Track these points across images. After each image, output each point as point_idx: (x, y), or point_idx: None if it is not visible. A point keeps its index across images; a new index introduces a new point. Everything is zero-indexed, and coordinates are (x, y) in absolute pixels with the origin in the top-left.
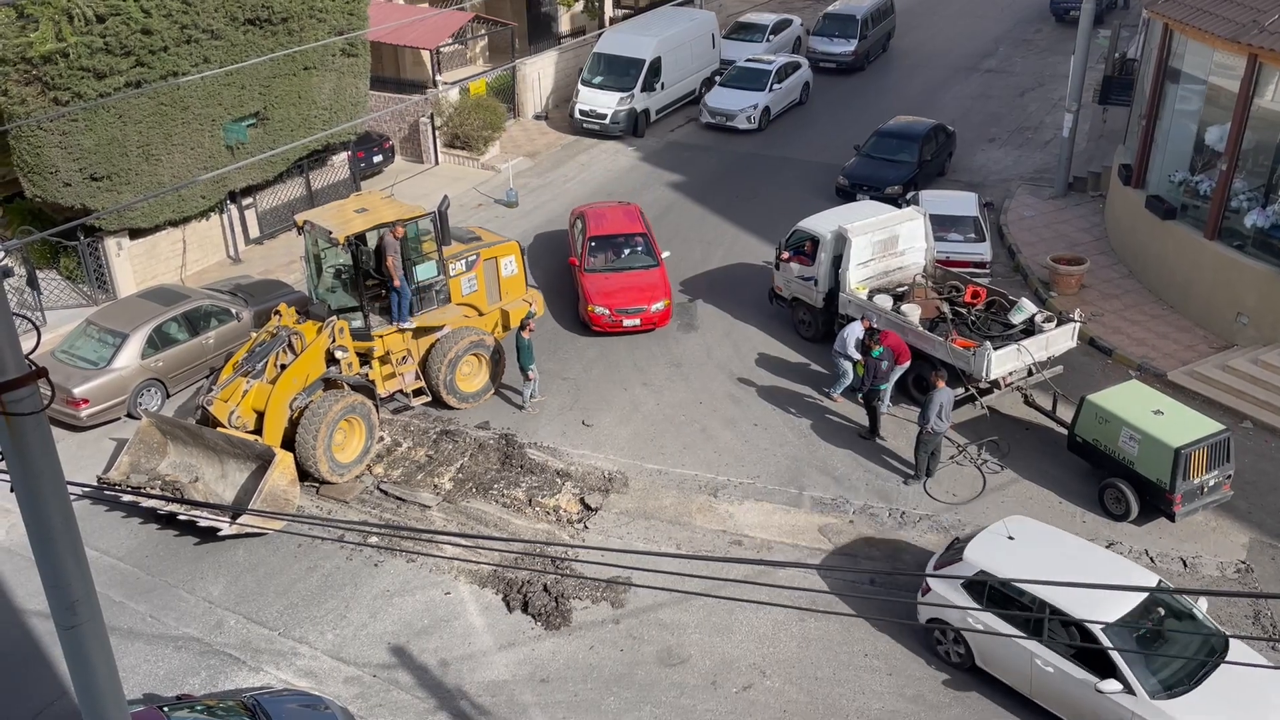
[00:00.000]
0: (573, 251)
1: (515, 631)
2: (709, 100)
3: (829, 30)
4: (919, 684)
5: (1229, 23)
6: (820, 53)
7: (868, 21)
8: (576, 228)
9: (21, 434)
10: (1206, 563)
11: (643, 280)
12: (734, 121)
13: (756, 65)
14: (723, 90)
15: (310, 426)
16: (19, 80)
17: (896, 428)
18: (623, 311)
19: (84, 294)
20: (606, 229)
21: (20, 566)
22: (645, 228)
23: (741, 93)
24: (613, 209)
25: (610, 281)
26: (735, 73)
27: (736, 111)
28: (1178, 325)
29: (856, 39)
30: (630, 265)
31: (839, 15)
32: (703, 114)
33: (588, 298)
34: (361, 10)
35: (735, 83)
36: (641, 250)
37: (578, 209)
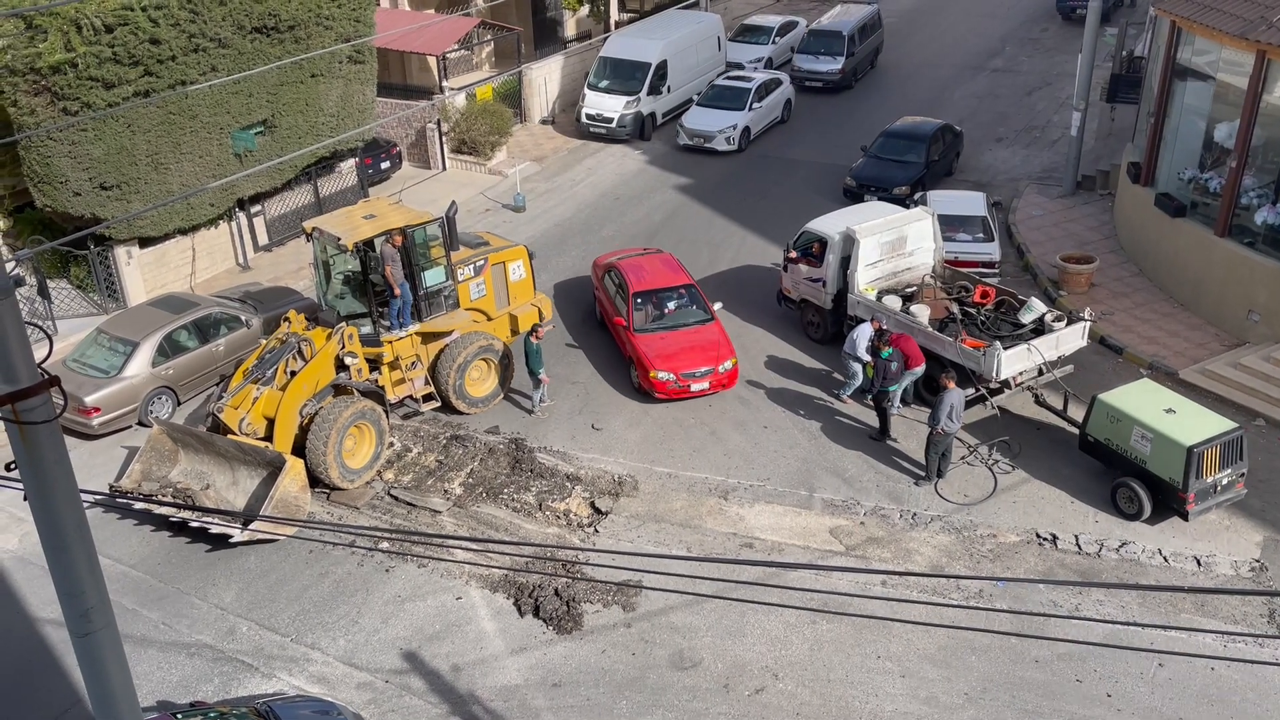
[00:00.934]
0: (609, 309)
1: (527, 636)
2: (686, 121)
3: (814, 48)
4: (932, 686)
5: (1237, 19)
6: (806, 71)
7: (854, 38)
8: (609, 281)
9: (35, 442)
10: (1220, 561)
11: (702, 338)
12: (712, 143)
13: (736, 83)
14: (700, 110)
15: (321, 433)
16: (28, 91)
17: (907, 429)
18: (690, 375)
19: (94, 303)
20: (650, 282)
21: (34, 575)
22: (689, 276)
23: (720, 112)
24: (649, 259)
25: (667, 343)
26: (713, 91)
27: (715, 132)
28: (1189, 323)
29: (843, 56)
30: (683, 322)
31: (825, 31)
32: (679, 135)
33: (646, 363)
34: (368, 17)
35: (714, 102)
36: (693, 304)
37: (604, 260)
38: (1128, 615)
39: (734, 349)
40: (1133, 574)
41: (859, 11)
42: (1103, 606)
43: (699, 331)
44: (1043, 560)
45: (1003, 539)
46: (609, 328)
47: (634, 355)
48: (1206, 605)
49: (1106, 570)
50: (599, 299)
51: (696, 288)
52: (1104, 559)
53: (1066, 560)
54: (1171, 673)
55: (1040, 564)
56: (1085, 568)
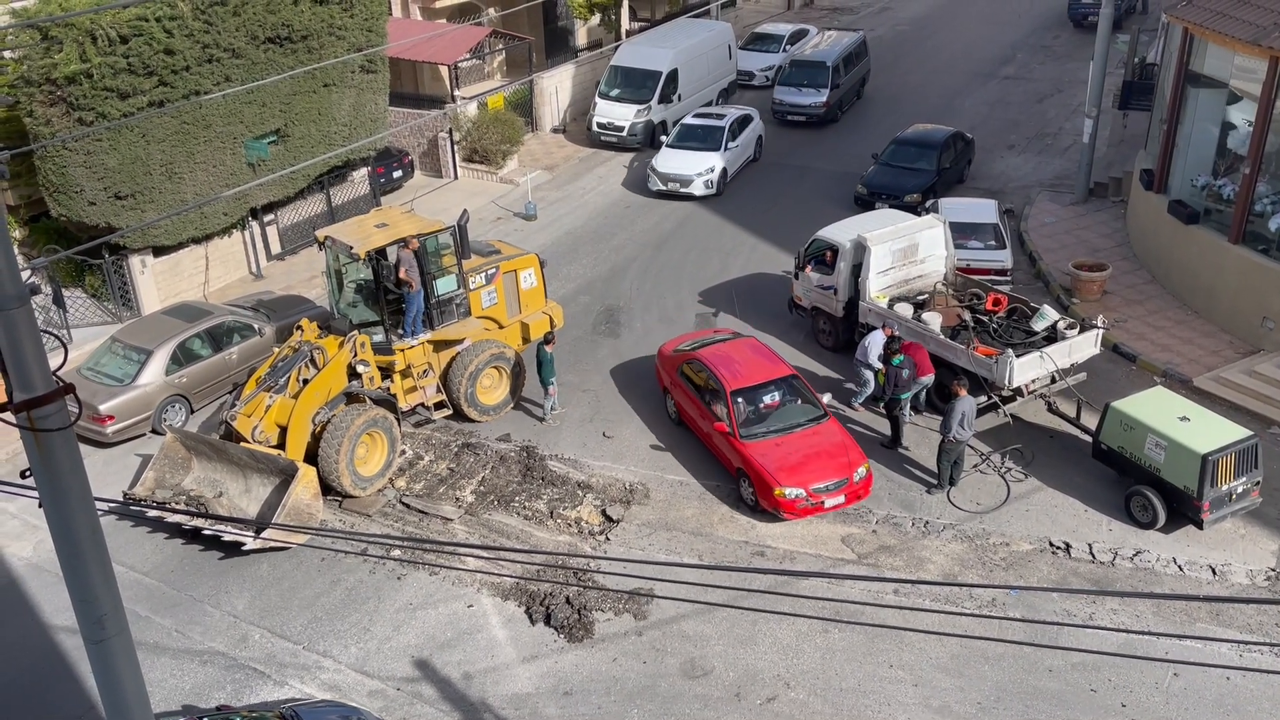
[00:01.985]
0: (696, 410)
1: (538, 644)
2: (658, 165)
3: (796, 79)
4: (945, 695)
5: (1250, 26)
6: (788, 104)
7: (839, 68)
8: (688, 375)
9: (50, 450)
10: (1236, 570)
11: (824, 441)
12: (690, 188)
13: (707, 121)
14: (672, 152)
15: (333, 441)
16: (44, 101)
17: (919, 437)
18: (823, 490)
19: (109, 311)
20: (747, 376)
21: (48, 582)
22: (787, 364)
23: (694, 154)
24: (734, 347)
25: (785, 450)
26: (683, 131)
27: (693, 176)
28: (1202, 330)
29: (828, 88)
30: (796, 422)
31: (807, 62)
32: (650, 180)
33: (768, 478)
34: (380, 27)
35: (686, 142)
36: (799, 398)
37: (675, 348)
38: (1142, 624)
39: (862, 450)
40: (1147, 583)
41: (844, 39)
42: (1117, 615)
43: (817, 433)
44: (1056, 569)
45: (1016, 547)
46: (695, 430)
47: (747, 469)
48: (1222, 614)
49: (1120, 579)
50: (675, 396)
51: (800, 378)
52: (1118, 568)
53: (1080, 569)
54: (1186, 683)
55: (1054, 573)
56: (1099, 576)
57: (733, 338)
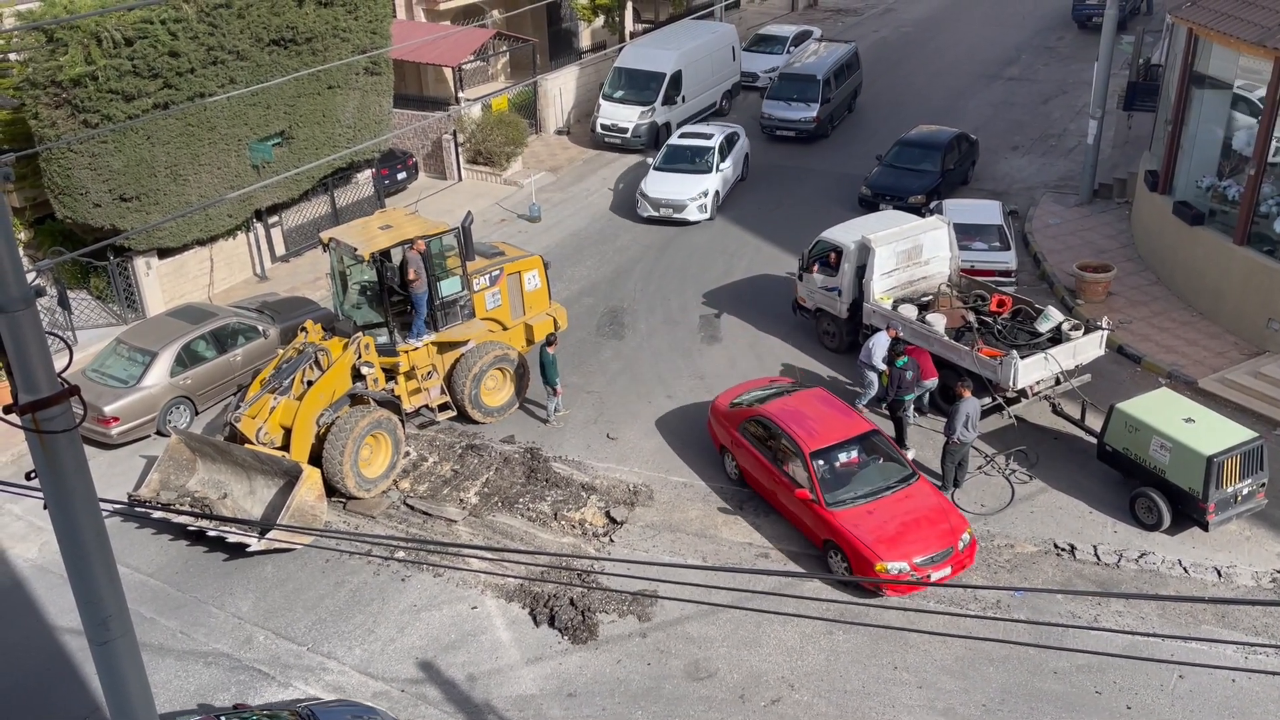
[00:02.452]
0: (769, 475)
1: (542, 645)
2: (648, 189)
3: (785, 93)
4: (949, 697)
5: (1255, 26)
6: (777, 119)
7: (830, 81)
8: (753, 434)
9: (55, 451)
10: (1241, 572)
11: (920, 505)
12: (684, 213)
13: (695, 141)
14: (662, 176)
15: (337, 442)
16: (49, 103)
17: (923, 438)
18: (929, 562)
19: (114, 313)
20: (825, 434)
21: (53, 584)
22: (865, 418)
23: (685, 177)
24: (801, 400)
25: (879, 518)
26: (670, 152)
27: (686, 201)
28: (1208, 332)
29: (818, 102)
30: (885, 484)
31: (797, 75)
32: (640, 205)
33: (865, 552)
34: (384, 29)
35: (674, 164)
36: (882, 455)
37: (732, 403)
38: (1147, 626)
39: (961, 513)
40: (1152, 585)
41: (835, 51)
42: (1122, 618)
43: (910, 495)
44: (1061, 570)
45: (1020, 549)
46: (764, 494)
47: (839, 541)
48: (1227, 616)
49: (1125, 581)
50: (738, 457)
51: (880, 432)
52: (1123, 569)
53: (1085, 571)
54: (1192, 685)
55: (1058, 574)
56: (1104, 578)
57: (795, 388)
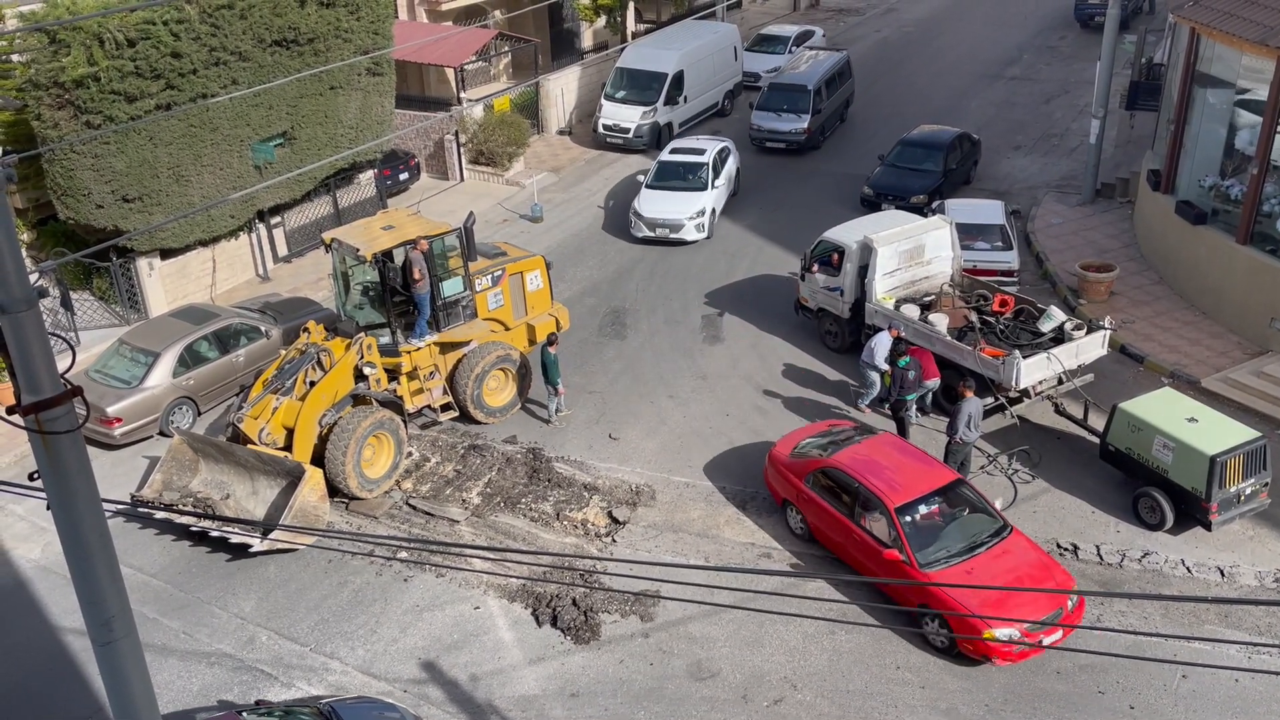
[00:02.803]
0: (847, 534)
1: (545, 646)
2: (642, 209)
3: (775, 104)
4: (952, 697)
5: (1257, 26)
6: (766, 130)
7: (821, 91)
8: (822, 486)
9: (58, 452)
10: (1244, 572)
11: (1020, 561)
12: (681, 233)
13: (688, 157)
14: (655, 194)
15: (339, 443)
16: (52, 104)
17: (926, 438)
18: (1039, 626)
19: (116, 314)
20: (909, 487)
21: (56, 584)
22: (944, 464)
23: (680, 195)
24: (874, 447)
25: (979, 579)
26: (662, 169)
27: (684, 220)
28: (1210, 331)
29: (809, 113)
30: (978, 539)
31: (786, 86)
32: (635, 225)
33: (969, 620)
34: (386, 30)
35: (667, 181)
36: (970, 506)
37: (792, 452)
38: (1150, 626)
39: (1063, 567)
40: (1155, 585)
41: (826, 60)
42: (1125, 617)
43: (1008, 551)
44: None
45: None
46: (841, 554)
47: (938, 606)
48: (1230, 616)
49: (1128, 581)
50: (807, 513)
51: (965, 480)
52: (1126, 569)
53: (1088, 570)
54: (1195, 685)
55: None
56: (1107, 578)
57: (859, 433)
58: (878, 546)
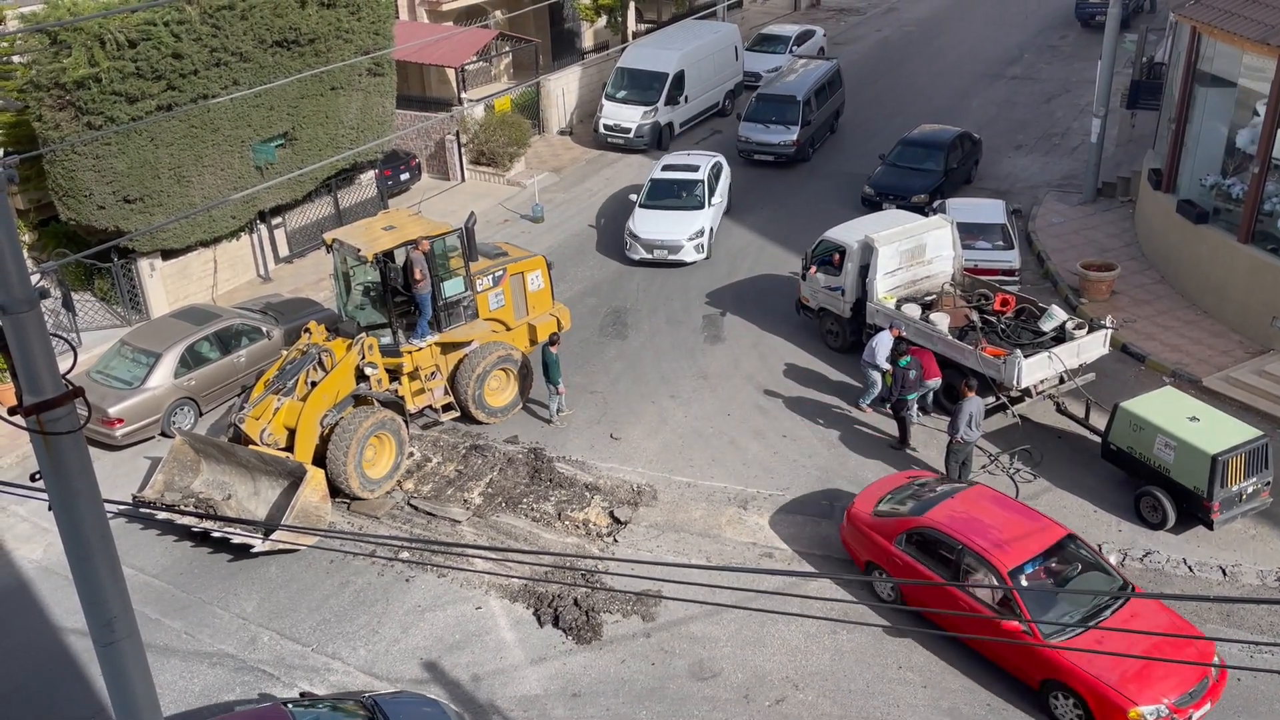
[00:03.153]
0: (957, 605)
1: (546, 646)
2: (638, 229)
3: (763, 114)
4: (954, 696)
5: (1258, 24)
6: (754, 143)
7: (810, 102)
8: (915, 547)
9: (60, 453)
10: (1246, 571)
11: (1151, 624)
12: (680, 254)
13: (683, 175)
14: (650, 214)
15: (341, 443)
16: (53, 105)
17: (927, 438)
18: (1187, 699)
19: (118, 315)
20: (1020, 547)
21: (58, 585)
22: (1047, 516)
23: (677, 215)
24: (968, 501)
25: (1112, 648)
26: (656, 187)
27: (683, 241)
28: (1212, 330)
29: (798, 125)
30: (1103, 601)
31: (774, 97)
32: (630, 246)
33: (1114, 697)
34: (387, 30)
35: (662, 200)
36: (1085, 563)
37: (876, 510)
38: None
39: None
40: (1157, 584)
41: (815, 70)
42: None
43: (1136, 614)
44: None
45: None
46: (946, 625)
47: (1071, 682)
48: (1232, 615)
49: (1130, 580)
50: (897, 577)
51: (1078, 537)
52: (1128, 569)
53: None
54: None
55: None
56: None
57: (949, 486)
58: (991, 615)
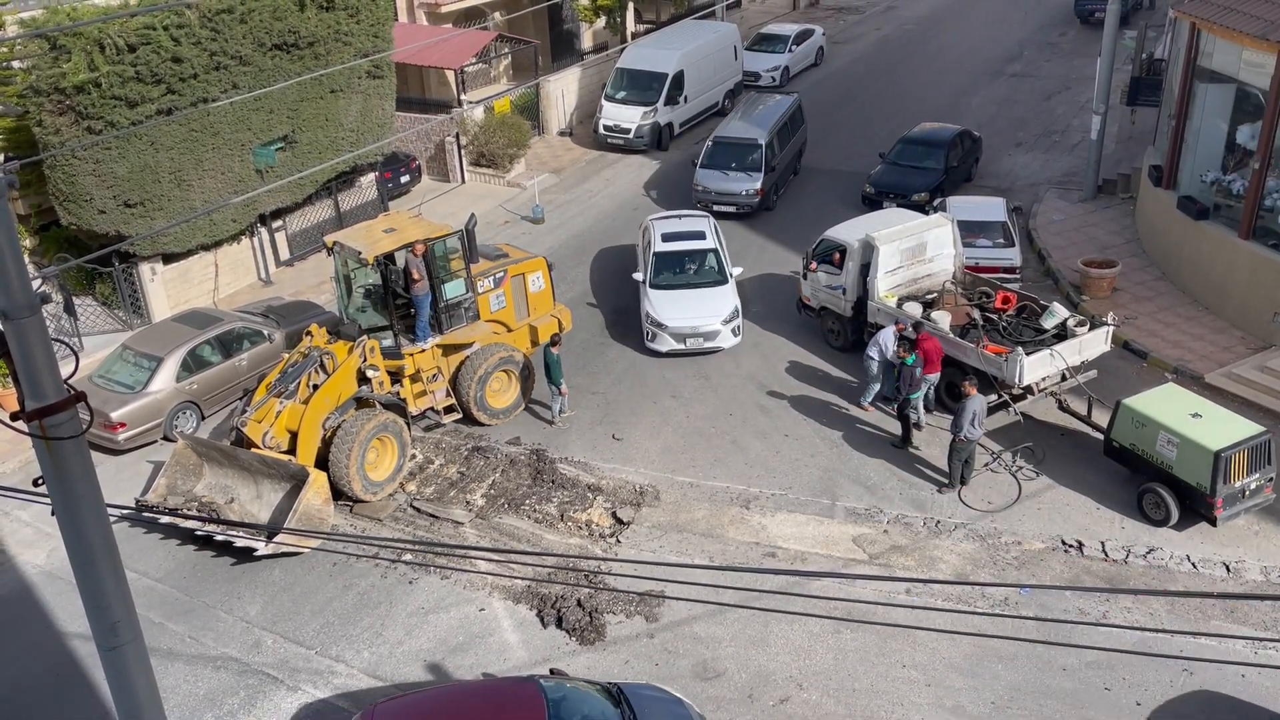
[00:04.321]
0: None
1: (550, 647)
2: (665, 318)
3: (722, 160)
4: (958, 695)
5: (1258, 20)
6: (714, 192)
7: (773, 145)
8: None
9: (62, 457)
10: (1250, 567)
11: None
12: (717, 340)
13: (690, 244)
14: (668, 297)
15: (343, 445)
16: (53, 110)
17: (929, 436)
18: None
19: (119, 319)
20: None
21: (61, 589)
22: None
23: (699, 294)
24: None
25: None
26: (664, 261)
27: (719, 327)
28: (1213, 327)
29: (761, 171)
30: None
31: (734, 141)
32: (657, 339)
33: None
34: (386, 33)
35: (675, 278)
36: None
37: None
38: (1156, 622)
39: None
40: (1160, 580)
41: (776, 107)
42: (1131, 614)
43: None
44: (1069, 567)
45: (1028, 546)
46: None
47: None
48: (1236, 611)
49: (1134, 577)
50: None
51: None
52: (1131, 565)
53: (1093, 567)
54: (1201, 680)
55: (1066, 571)
56: (1112, 574)
57: None
58: None
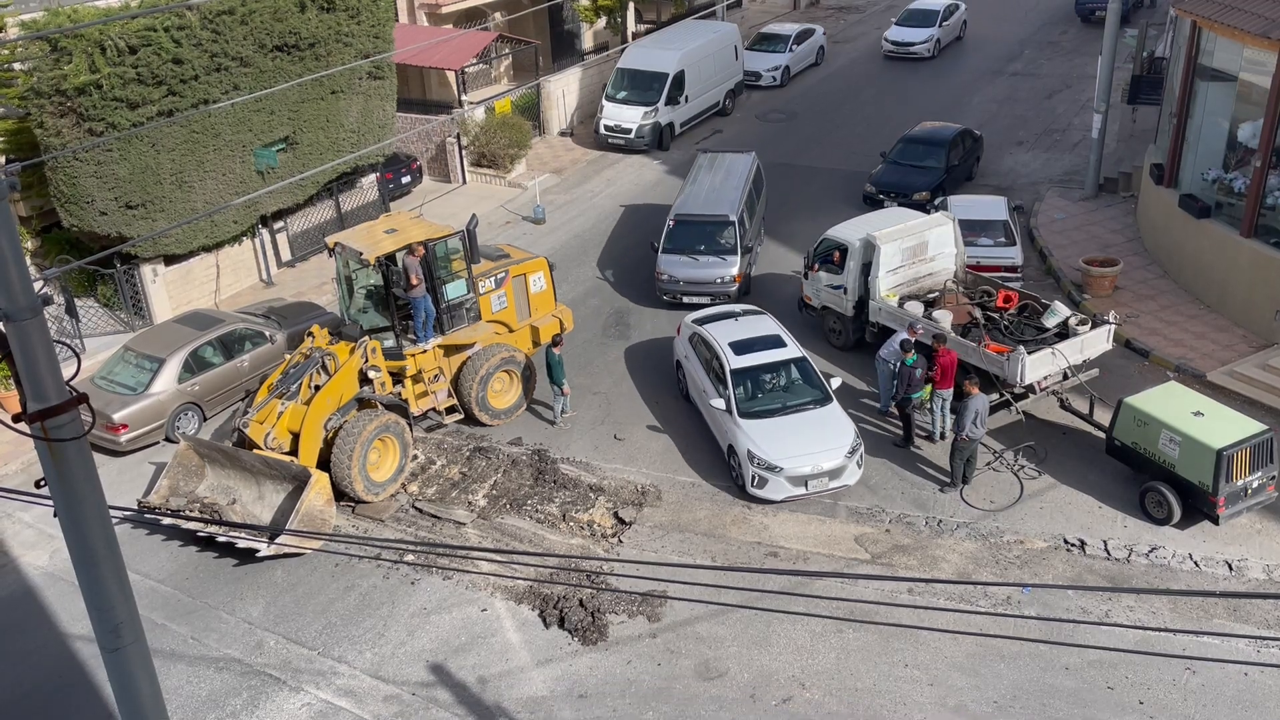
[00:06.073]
0: None
1: (552, 647)
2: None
3: (688, 244)
4: (960, 694)
5: (1259, 18)
6: (684, 282)
7: (744, 220)
8: None
9: (64, 459)
10: (1252, 566)
11: None
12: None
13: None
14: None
15: (345, 446)
16: (54, 112)
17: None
18: None
19: (121, 320)
20: None
21: (64, 591)
22: None
23: (795, 420)
24: None
25: None
26: (740, 378)
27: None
28: (1215, 325)
29: (737, 254)
30: None
31: (700, 220)
32: (761, 482)
33: None
34: (387, 34)
35: (762, 399)
36: None
37: None
38: (1159, 621)
39: None
40: (1163, 579)
41: (739, 170)
42: (1133, 612)
43: None
44: (1071, 566)
45: (1030, 545)
46: None
47: None
48: (1239, 610)
49: (1136, 576)
50: None
51: None
52: (1133, 564)
53: (1095, 566)
54: (1204, 679)
55: (1068, 570)
56: (1114, 573)
57: None
58: None
